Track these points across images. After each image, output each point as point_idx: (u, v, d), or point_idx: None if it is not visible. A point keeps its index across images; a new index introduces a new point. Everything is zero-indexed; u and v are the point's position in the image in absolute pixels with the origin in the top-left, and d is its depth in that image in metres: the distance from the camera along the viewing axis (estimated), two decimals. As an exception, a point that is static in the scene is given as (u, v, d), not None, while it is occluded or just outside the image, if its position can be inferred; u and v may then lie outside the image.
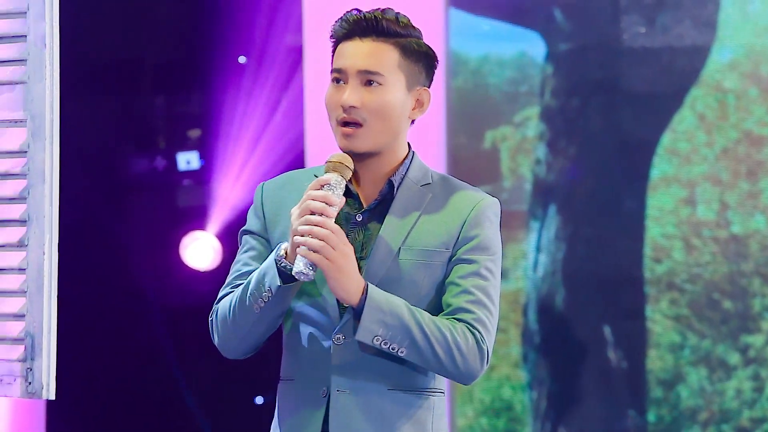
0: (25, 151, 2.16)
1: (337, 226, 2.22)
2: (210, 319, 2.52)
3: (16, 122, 2.20)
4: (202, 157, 8.30)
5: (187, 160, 8.27)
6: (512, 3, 7.54)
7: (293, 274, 2.16)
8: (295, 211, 2.26)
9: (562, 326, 7.17)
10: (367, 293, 2.25)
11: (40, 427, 7.42)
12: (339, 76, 2.50)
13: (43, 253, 2.12)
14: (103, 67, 8.32)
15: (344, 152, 2.40)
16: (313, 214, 2.16)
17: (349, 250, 2.27)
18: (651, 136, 7.08)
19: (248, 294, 2.37)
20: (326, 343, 2.44)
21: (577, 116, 7.27)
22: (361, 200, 2.51)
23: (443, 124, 7.08)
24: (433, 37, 7.36)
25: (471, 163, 7.37)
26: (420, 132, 7.34)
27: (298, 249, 2.16)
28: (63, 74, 2.23)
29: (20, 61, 2.20)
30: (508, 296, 7.25)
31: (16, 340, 2.16)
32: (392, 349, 2.28)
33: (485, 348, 2.37)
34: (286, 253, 2.25)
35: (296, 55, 8.00)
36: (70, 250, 2.87)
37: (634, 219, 7.05)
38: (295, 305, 2.47)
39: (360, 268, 2.34)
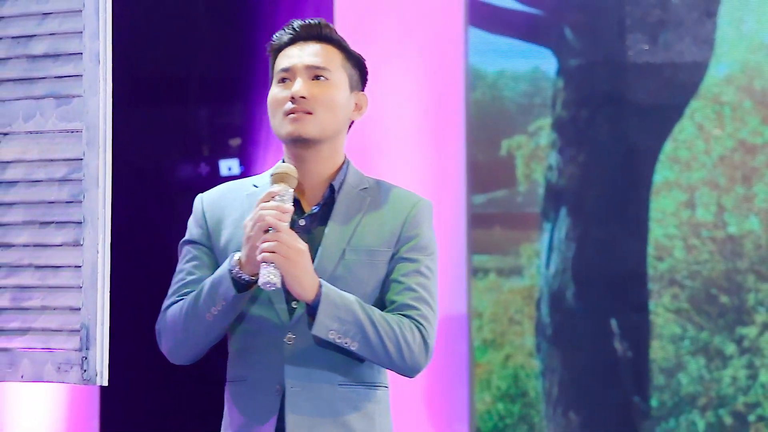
0: (81, 159, 2.16)
1: (288, 228, 2.24)
2: (157, 327, 2.55)
3: (72, 132, 2.20)
4: (242, 164, 8.30)
5: (229, 167, 8.29)
6: (526, 22, 7.55)
7: (260, 284, 2.19)
8: (248, 222, 2.27)
9: (572, 319, 7.16)
10: (321, 290, 2.29)
11: (95, 411, 7.43)
12: (286, 75, 2.52)
13: (97, 252, 2.12)
14: (152, 81, 8.35)
15: (292, 137, 2.47)
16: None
17: (304, 247, 2.30)
18: (654, 145, 7.06)
19: (200, 303, 2.37)
20: (278, 343, 2.44)
21: (586, 126, 7.26)
22: (303, 206, 2.53)
23: (463, 133, 7.07)
24: (453, 54, 7.38)
25: (488, 170, 7.37)
26: (441, 141, 7.37)
27: (258, 257, 2.18)
28: (115, 88, 2.23)
29: (77, 76, 2.20)
30: (523, 291, 7.26)
31: (73, 332, 2.16)
32: (345, 343, 2.32)
33: (430, 342, 2.52)
34: (240, 262, 2.28)
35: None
36: (122, 248, 2.87)
37: (638, 221, 7.04)
38: (244, 308, 2.46)
39: None
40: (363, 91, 2.67)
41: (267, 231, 2.16)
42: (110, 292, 2.18)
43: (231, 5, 8.40)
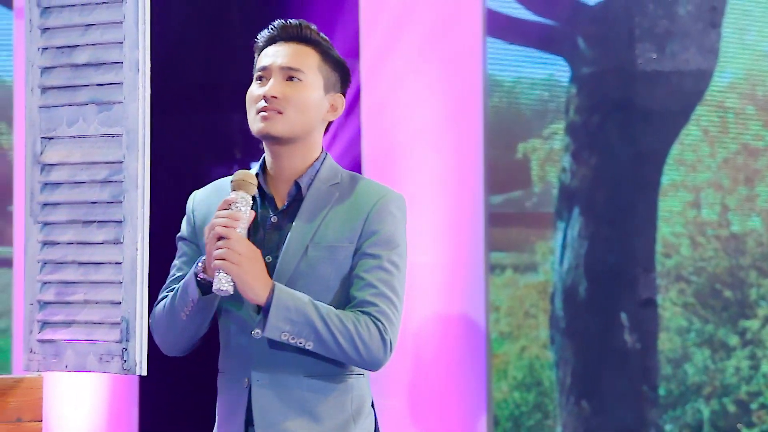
0: (121, 161, 2.17)
1: (239, 234, 2.24)
2: (149, 321, 2.48)
3: (113, 136, 2.20)
4: (272, 166, 8.26)
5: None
6: (541, 32, 7.54)
7: (213, 291, 2.23)
8: (206, 230, 2.31)
9: (585, 313, 7.16)
10: (273, 293, 2.27)
11: (134, 399, 7.45)
12: (262, 74, 2.53)
13: (136, 249, 2.12)
14: (187, 88, 8.35)
15: (261, 135, 2.47)
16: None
17: (255, 253, 2.32)
18: (661, 148, 7.05)
19: (176, 303, 2.42)
20: (246, 338, 2.47)
21: (597, 131, 7.26)
22: (276, 202, 2.51)
23: (481, 137, 7.07)
24: (471, 62, 7.38)
25: (505, 172, 7.37)
26: (460, 144, 7.38)
27: (211, 265, 2.22)
28: (153, 95, 2.23)
29: (117, 84, 2.20)
30: (538, 286, 7.26)
31: (114, 324, 2.16)
32: (300, 343, 2.30)
33: (388, 338, 2.41)
34: (203, 266, 2.30)
35: (354, 76, 7.96)
36: (159, 246, 2.87)
37: (647, 220, 7.04)
38: (222, 303, 2.46)
39: (274, 266, 2.38)
40: (343, 92, 2.61)
41: (221, 239, 2.15)
42: (148, 287, 2.19)
43: (264, 16, 8.41)
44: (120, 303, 2.15)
